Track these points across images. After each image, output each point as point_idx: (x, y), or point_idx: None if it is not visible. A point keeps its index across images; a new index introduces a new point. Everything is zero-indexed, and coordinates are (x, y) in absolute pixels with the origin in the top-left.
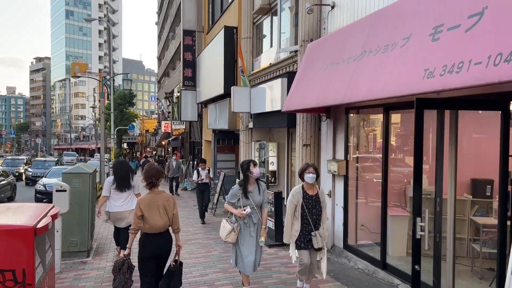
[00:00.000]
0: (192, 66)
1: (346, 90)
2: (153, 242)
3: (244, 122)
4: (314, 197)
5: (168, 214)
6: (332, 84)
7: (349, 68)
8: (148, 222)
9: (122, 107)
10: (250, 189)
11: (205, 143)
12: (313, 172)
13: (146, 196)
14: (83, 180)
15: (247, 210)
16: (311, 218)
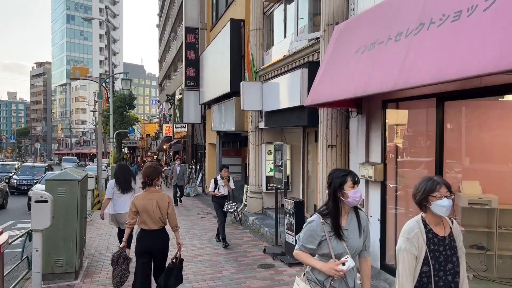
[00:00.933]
0: (195, 65)
1: (400, 73)
2: (148, 238)
3: (253, 122)
4: (447, 240)
5: (161, 212)
6: (376, 68)
7: (401, 47)
8: (141, 218)
9: (122, 110)
10: (343, 224)
11: (209, 146)
12: (448, 195)
13: (141, 193)
14: (70, 188)
15: (349, 264)
16: (445, 281)
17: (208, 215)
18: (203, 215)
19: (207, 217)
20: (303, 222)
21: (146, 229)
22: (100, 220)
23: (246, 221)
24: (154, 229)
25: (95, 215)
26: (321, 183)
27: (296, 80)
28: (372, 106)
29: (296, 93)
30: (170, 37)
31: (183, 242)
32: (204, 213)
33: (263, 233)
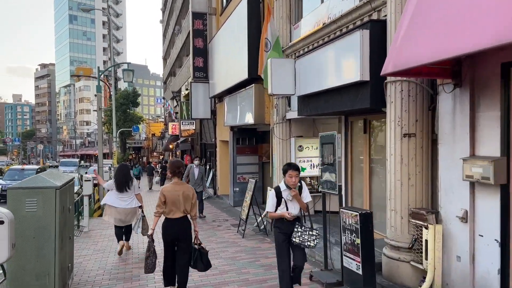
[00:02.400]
0: (203, 54)
1: None
2: (173, 225)
3: (279, 112)
4: None
5: (186, 203)
6: None
7: None
8: (168, 207)
9: (125, 107)
10: None
11: (221, 144)
12: None
13: (169, 185)
14: (44, 200)
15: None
16: None
17: (224, 222)
18: (219, 223)
19: (224, 226)
20: (372, 241)
21: (171, 218)
22: (99, 231)
23: (273, 232)
24: (178, 217)
25: (94, 223)
26: (393, 186)
27: (351, 48)
28: (482, 73)
29: (351, 65)
30: (175, 30)
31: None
32: (220, 220)
33: None
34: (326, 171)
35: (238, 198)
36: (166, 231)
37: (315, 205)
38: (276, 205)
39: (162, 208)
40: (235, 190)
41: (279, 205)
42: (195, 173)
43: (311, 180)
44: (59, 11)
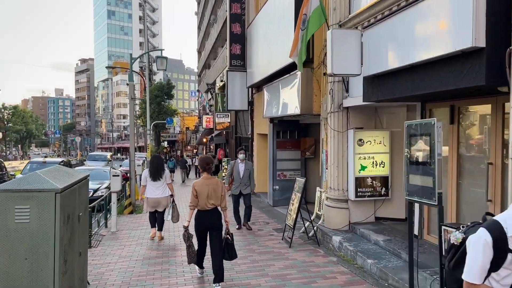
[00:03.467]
0: (241, 40)
1: None
2: (204, 217)
3: (335, 99)
4: None
5: (216, 195)
6: None
7: None
8: (200, 199)
9: (160, 100)
10: None
11: (258, 137)
12: None
13: (200, 180)
14: (40, 207)
15: None
16: None
17: (265, 226)
18: (259, 226)
19: (265, 230)
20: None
21: (202, 210)
22: (128, 232)
23: (326, 242)
24: (208, 209)
25: (123, 222)
26: None
27: (458, 3)
28: None
29: (457, 27)
30: (210, 20)
31: None
32: (260, 222)
33: (363, 267)
34: (415, 173)
35: (278, 197)
36: (198, 222)
37: (377, 211)
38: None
39: (195, 201)
40: (275, 188)
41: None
42: (240, 170)
43: (373, 181)
44: (98, 6)
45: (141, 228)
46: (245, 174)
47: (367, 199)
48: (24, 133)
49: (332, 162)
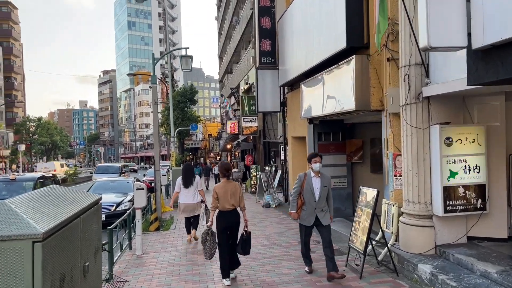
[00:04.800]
0: (271, 35)
1: None
2: (225, 217)
3: (411, 87)
4: None
5: (235, 197)
6: None
7: None
8: (220, 202)
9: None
10: None
11: (293, 141)
12: None
13: (220, 183)
14: (7, 266)
15: None
16: None
17: (317, 245)
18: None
19: (318, 252)
20: None
21: (223, 211)
22: (156, 255)
23: (408, 271)
24: (229, 209)
25: (150, 241)
26: None
27: None
28: None
29: None
30: (233, 21)
31: None
32: None
33: None
34: None
35: None
36: (220, 221)
37: (472, 229)
38: None
39: (216, 203)
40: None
41: None
42: (315, 188)
43: (466, 191)
44: (119, 18)
45: (170, 249)
46: (323, 194)
47: (459, 215)
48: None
49: (410, 167)
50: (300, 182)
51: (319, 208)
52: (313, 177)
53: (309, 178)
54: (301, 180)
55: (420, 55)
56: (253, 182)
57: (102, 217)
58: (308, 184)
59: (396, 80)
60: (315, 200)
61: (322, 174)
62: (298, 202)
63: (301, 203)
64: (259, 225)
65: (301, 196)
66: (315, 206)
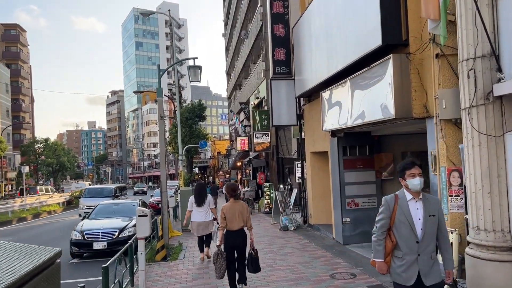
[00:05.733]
0: (286, 44)
1: None
2: (233, 236)
3: (478, 85)
4: None
5: (243, 217)
6: None
7: None
8: (228, 221)
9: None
10: None
11: (312, 156)
12: None
13: (228, 204)
14: None
15: None
16: None
17: (352, 280)
18: (344, 281)
19: None
20: None
21: (231, 230)
22: None
23: None
24: (236, 229)
25: (156, 275)
26: None
27: None
28: None
29: None
30: (241, 35)
31: None
32: (340, 272)
33: None
34: None
35: (350, 233)
36: (227, 240)
37: None
38: None
39: (224, 223)
40: (345, 221)
41: None
42: (415, 218)
43: None
44: (126, 39)
45: (179, 285)
46: (429, 229)
47: None
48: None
49: (478, 186)
50: (388, 210)
51: (425, 253)
52: (411, 200)
53: (403, 203)
54: (390, 207)
55: (490, 44)
56: (267, 201)
57: (104, 245)
58: (402, 212)
59: (448, 80)
60: (417, 239)
61: (425, 196)
62: (387, 245)
63: (391, 245)
64: (279, 253)
65: (392, 234)
66: (417, 250)
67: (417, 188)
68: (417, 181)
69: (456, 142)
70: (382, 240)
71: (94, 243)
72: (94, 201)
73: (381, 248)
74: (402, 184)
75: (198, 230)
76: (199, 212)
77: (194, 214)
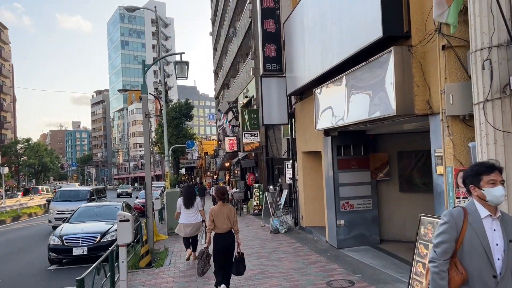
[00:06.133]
0: (276, 40)
1: None
2: (221, 239)
3: (494, 78)
4: None
5: (230, 220)
6: None
7: None
8: (216, 224)
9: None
10: None
11: (304, 157)
12: None
13: (216, 206)
14: None
15: None
16: None
17: (348, 285)
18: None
19: None
20: None
21: (219, 233)
22: None
23: None
24: (224, 232)
25: (138, 283)
26: None
27: None
28: None
29: None
30: (229, 33)
31: None
32: (338, 280)
33: None
34: None
35: (344, 236)
36: (215, 242)
37: None
38: None
39: (212, 225)
40: (340, 224)
41: None
42: (492, 245)
43: None
44: (112, 38)
45: None
46: (511, 259)
47: None
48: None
49: None
50: (454, 229)
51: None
52: (486, 218)
53: (475, 220)
54: (458, 226)
55: (508, 32)
56: (256, 202)
57: (85, 251)
58: (475, 234)
59: (455, 74)
60: (495, 273)
61: (502, 214)
62: (453, 279)
63: (460, 280)
64: (271, 258)
65: (458, 263)
66: (495, 284)
67: (500, 201)
68: (500, 191)
69: (464, 140)
70: (445, 272)
71: (73, 248)
72: (67, 206)
73: (445, 283)
74: (474, 194)
75: (185, 232)
76: (188, 214)
77: (182, 216)
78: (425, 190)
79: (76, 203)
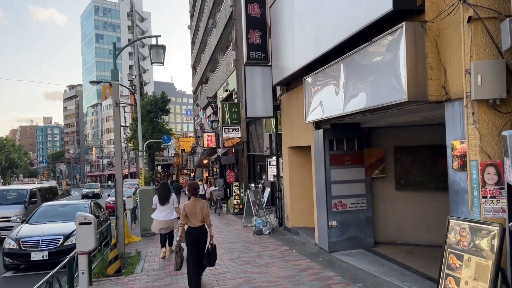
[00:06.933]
0: (262, 26)
1: None
2: (193, 232)
3: None
4: None
5: (202, 214)
6: None
7: None
8: (189, 218)
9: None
10: None
11: (291, 152)
12: None
13: (189, 202)
14: None
15: None
16: None
17: None
18: None
19: None
20: None
21: (192, 227)
22: None
23: None
24: (197, 226)
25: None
26: None
27: None
28: None
29: None
30: (209, 24)
31: None
32: None
33: None
34: None
35: (337, 238)
36: (188, 236)
37: None
38: None
39: (185, 220)
40: (331, 225)
41: None
42: None
43: None
44: (86, 31)
45: None
46: None
47: None
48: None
49: None
50: None
51: None
52: None
53: None
54: None
55: None
56: (237, 201)
57: (45, 255)
58: None
59: (482, 51)
60: None
61: None
62: None
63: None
64: (257, 264)
65: None
66: None
67: None
68: None
69: (492, 129)
70: None
71: (32, 253)
72: None
73: None
74: None
75: (160, 228)
76: (162, 211)
77: (157, 213)
78: (423, 188)
79: (7, 207)
